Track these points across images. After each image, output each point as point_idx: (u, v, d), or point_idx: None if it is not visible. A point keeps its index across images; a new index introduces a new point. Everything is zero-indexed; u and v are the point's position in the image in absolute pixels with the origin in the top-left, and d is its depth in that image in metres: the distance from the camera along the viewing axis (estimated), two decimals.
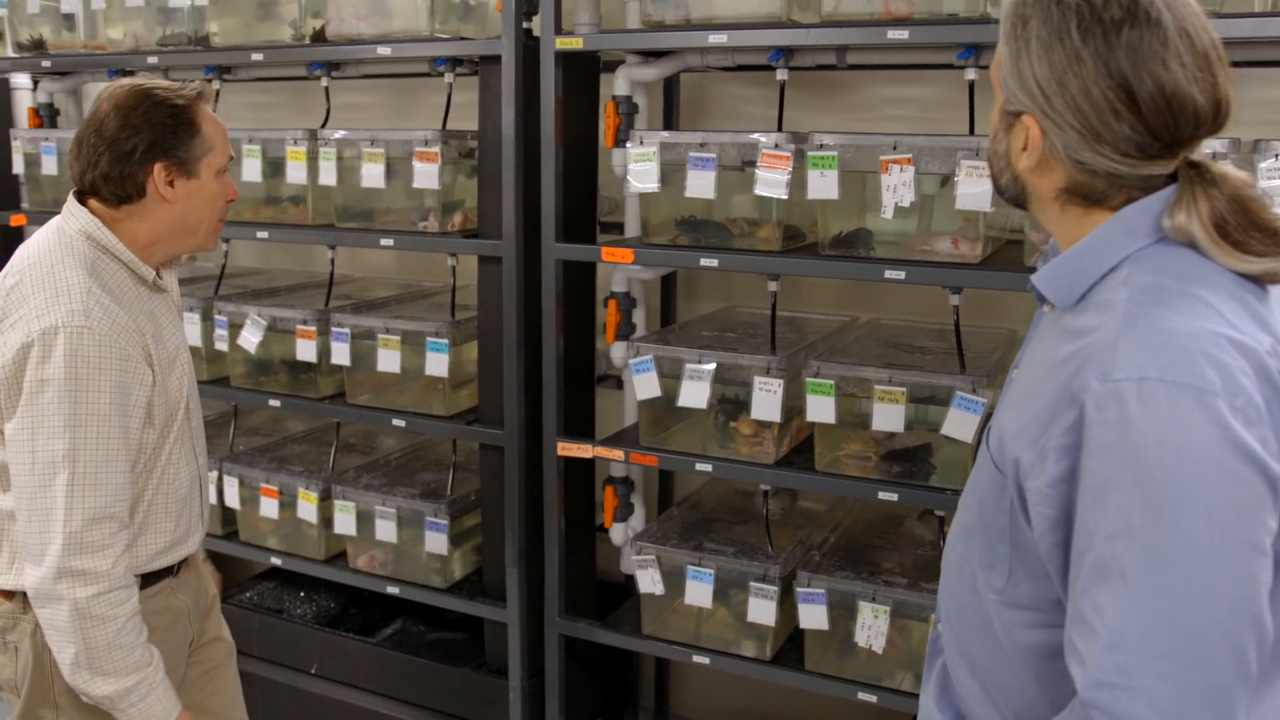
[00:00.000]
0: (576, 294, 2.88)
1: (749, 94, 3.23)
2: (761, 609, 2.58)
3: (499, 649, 3.06)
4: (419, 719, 3.13)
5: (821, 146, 2.40)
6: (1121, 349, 1.11)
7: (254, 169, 3.13)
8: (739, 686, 3.48)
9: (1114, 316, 1.15)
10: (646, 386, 2.66)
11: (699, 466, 2.63)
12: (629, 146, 2.62)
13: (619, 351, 2.88)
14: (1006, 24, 1.25)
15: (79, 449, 1.79)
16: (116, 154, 1.88)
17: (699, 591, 2.65)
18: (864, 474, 2.52)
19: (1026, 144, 1.25)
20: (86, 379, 1.79)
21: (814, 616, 2.54)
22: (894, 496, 2.44)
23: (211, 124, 1.98)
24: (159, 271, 2.01)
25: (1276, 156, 2.11)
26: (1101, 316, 1.18)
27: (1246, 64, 2.45)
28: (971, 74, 2.38)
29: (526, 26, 2.74)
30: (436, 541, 3.03)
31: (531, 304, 2.82)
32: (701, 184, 2.53)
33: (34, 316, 1.81)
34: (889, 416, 2.42)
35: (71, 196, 1.95)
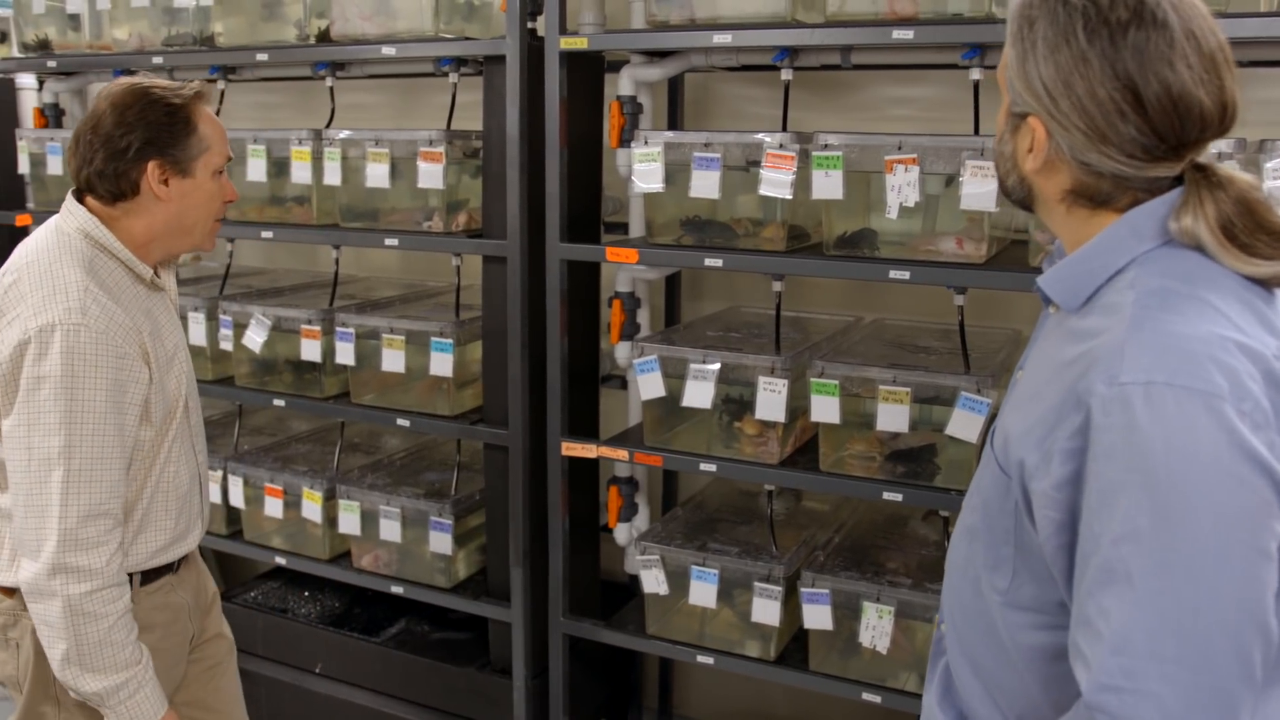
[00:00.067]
0: (581, 294, 2.88)
1: (753, 94, 3.23)
2: (766, 609, 2.58)
3: (503, 649, 3.06)
4: (423, 718, 3.13)
5: (826, 146, 2.40)
6: (1128, 352, 1.11)
7: (259, 169, 3.13)
8: (743, 687, 3.47)
9: (1121, 319, 1.15)
10: (651, 386, 2.66)
11: (703, 466, 2.63)
12: (633, 146, 2.62)
13: (623, 351, 2.88)
14: (1013, 26, 1.25)
15: (74, 446, 1.80)
16: (111, 151, 1.89)
17: (703, 591, 2.65)
18: (868, 474, 2.52)
19: (1033, 146, 1.25)
20: (82, 376, 1.80)
21: (818, 617, 2.54)
22: (898, 497, 2.44)
23: (209, 124, 1.98)
24: (157, 270, 2.02)
25: None
26: (1108, 319, 1.17)
27: (1253, 64, 2.44)
28: (976, 74, 2.38)
29: (531, 26, 2.74)
30: (441, 541, 3.03)
31: (536, 304, 2.82)
32: (706, 184, 2.52)
33: (31, 314, 1.82)
34: (893, 417, 2.42)
35: (70, 195, 1.97)
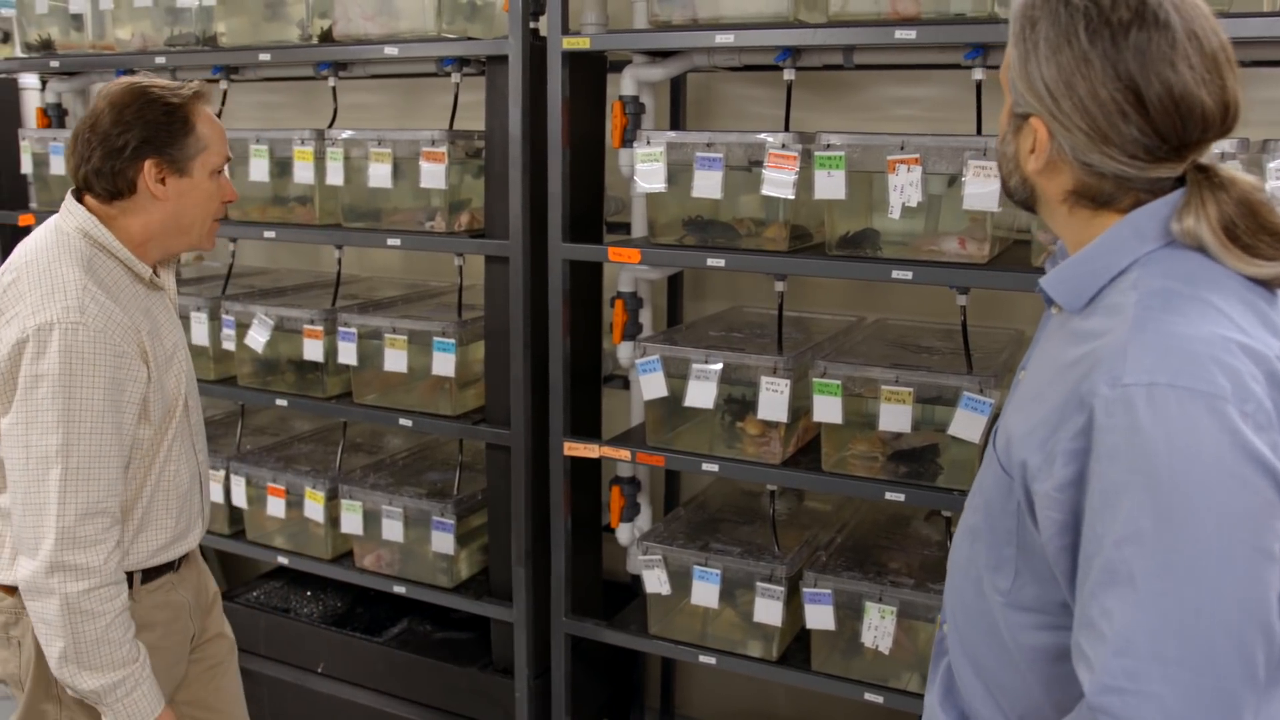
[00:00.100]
0: (583, 294, 2.88)
1: (756, 94, 3.23)
2: (768, 609, 2.58)
3: (505, 648, 3.06)
4: (425, 718, 3.13)
5: (829, 146, 2.40)
6: (1131, 353, 1.11)
7: (261, 169, 3.13)
8: (745, 687, 3.47)
9: (1123, 320, 1.15)
10: (653, 386, 2.66)
11: (705, 466, 2.63)
12: (636, 146, 2.62)
13: (625, 351, 2.88)
14: (1015, 26, 1.25)
15: (72, 444, 1.81)
16: (108, 149, 1.90)
17: (705, 591, 2.65)
18: (871, 474, 2.52)
19: (1035, 146, 1.25)
20: (80, 375, 1.81)
21: (820, 617, 2.54)
22: (901, 497, 2.44)
23: (208, 124, 1.98)
24: (156, 270, 2.03)
25: None
26: (1111, 320, 1.17)
27: (1256, 64, 2.44)
28: (979, 74, 2.37)
29: (533, 26, 2.74)
30: (443, 541, 3.03)
31: (538, 304, 2.82)
32: (708, 184, 2.52)
33: (30, 313, 1.82)
34: (896, 417, 2.42)
35: (69, 194, 1.98)
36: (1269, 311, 1.17)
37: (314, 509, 3.21)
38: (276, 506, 3.27)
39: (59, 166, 3.49)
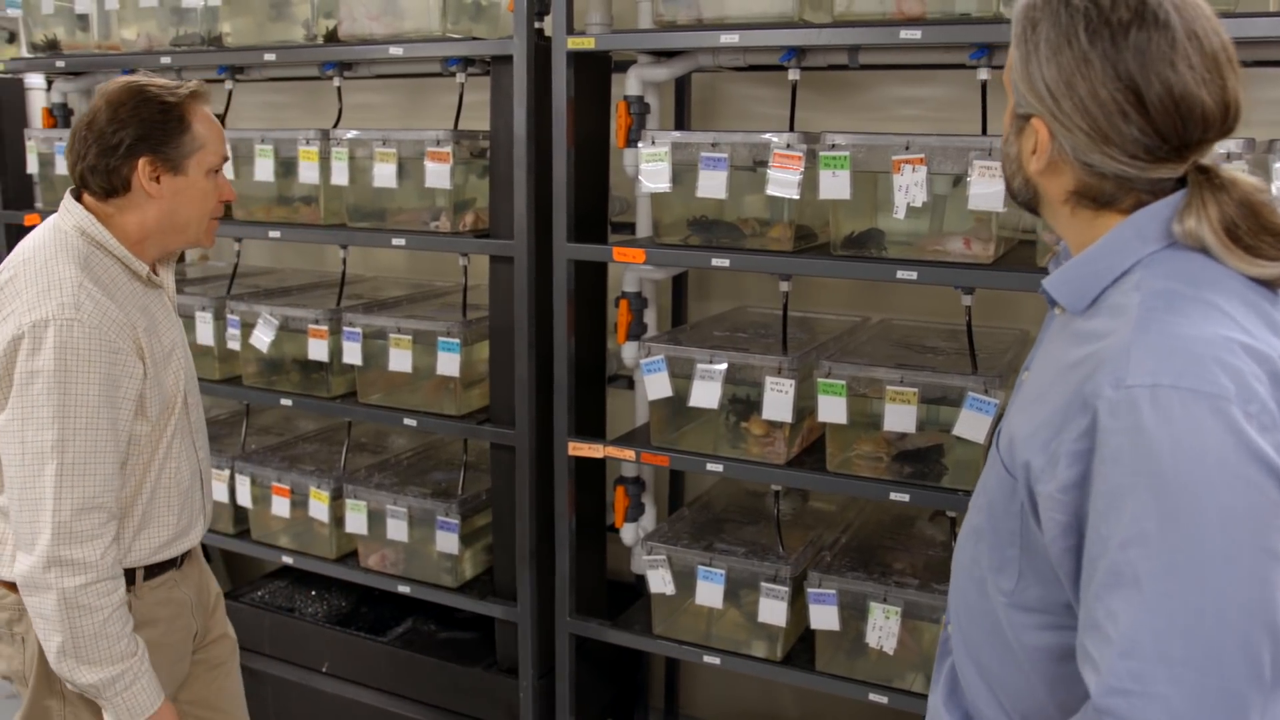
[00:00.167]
0: (588, 294, 2.88)
1: (761, 94, 3.23)
2: (772, 609, 2.58)
3: (509, 648, 3.06)
4: (429, 718, 3.13)
5: (834, 146, 2.40)
6: (1134, 355, 1.11)
7: (266, 169, 3.14)
8: (749, 687, 3.47)
9: (1126, 321, 1.15)
10: (658, 386, 2.66)
11: (710, 467, 2.63)
12: (641, 146, 2.62)
13: (630, 351, 2.88)
14: (1017, 28, 1.25)
15: (67, 439, 1.82)
16: (103, 147, 1.91)
17: (710, 592, 2.65)
18: (875, 475, 2.51)
19: (1036, 147, 1.25)
20: (76, 371, 1.82)
21: (825, 617, 2.54)
22: (905, 497, 2.44)
23: (205, 123, 1.99)
24: (154, 268, 2.04)
25: None
26: (1114, 321, 1.17)
27: (1262, 64, 2.43)
28: (984, 74, 2.37)
29: (538, 26, 2.74)
30: (447, 541, 3.03)
31: (543, 304, 2.83)
32: (713, 184, 2.52)
33: (26, 310, 1.84)
34: (901, 417, 2.41)
35: (68, 193, 1.99)
36: (1272, 312, 1.17)
37: (319, 509, 3.21)
38: (281, 506, 3.27)
39: (64, 167, 3.49)
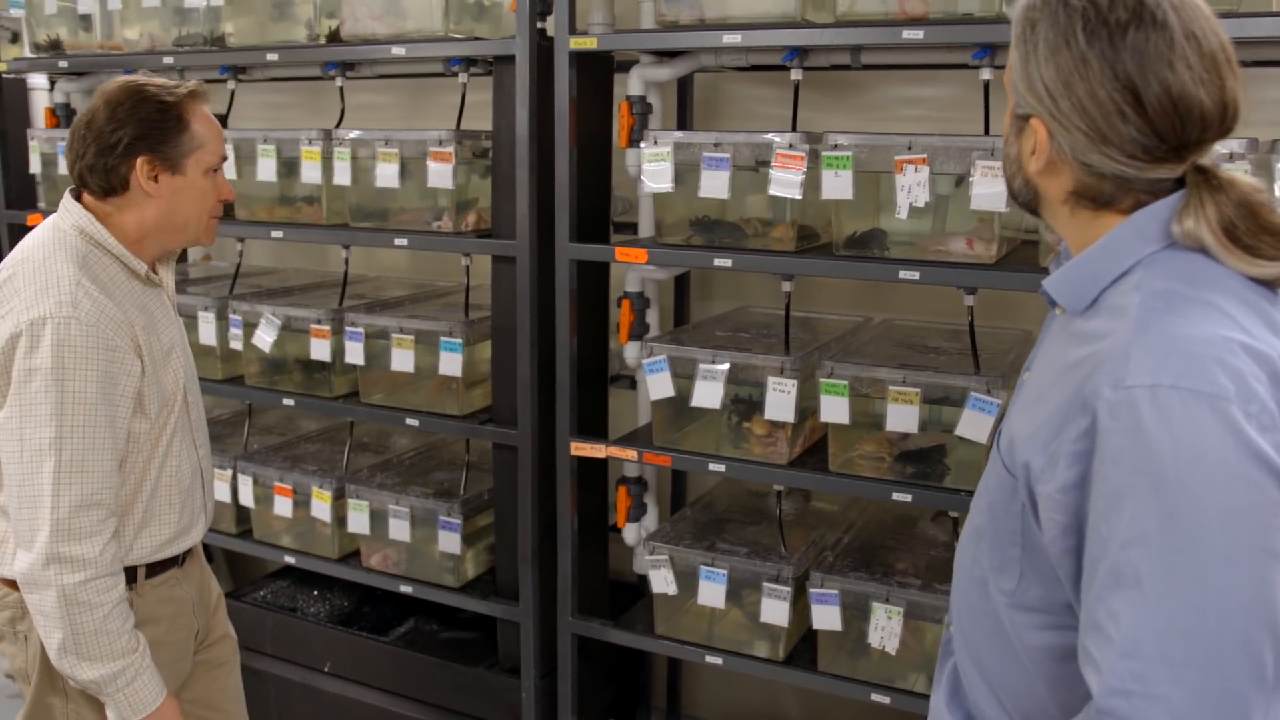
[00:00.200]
0: (590, 294, 2.88)
1: (763, 94, 3.23)
2: (774, 609, 2.58)
3: (512, 648, 3.06)
4: (432, 718, 3.14)
5: (836, 146, 2.40)
6: (1134, 355, 1.11)
7: (269, 169, 3.14)
8: (751, 687, 3.47)
9: (1126, 322, 1.15)
10: (660, 386, 2.65)
11: (712, 467, 2.63)
12: (643, 146, 2.62)
13: (632, 351, 2.88)
14: (1016, 28, 1.26)
15: (65, 436, 1.82)
16: (101, 146, 1.92)
17: (712, 592, 2.65)
18: (878, 475, 2.51)
19: (1035, 147, 1.25)
20: (73, 368, 1.83)
21: (827, 617, 2.53)
22: (908, 497, 2.43)
23: (203, 123, 1.99)
24: (153, 267, 2.04)
25: None
26: (1113, 321, 1.17)
27: (1266, 64, 2.43)
28: (986, 74, 2.37)
29: (541, 26, 2.74)
30: (450, 541, 3.03)
31: (545, 304, 2.83)
32: (715, 184, 2.52)
33: (24, 308, 1.85)
34: (903, 417, 2.41)
35: (67, 193, 2.00)
36: (1272, 312, 1.17)
37: (321, 508, 3.21)
38: (283, 506, 3.27)
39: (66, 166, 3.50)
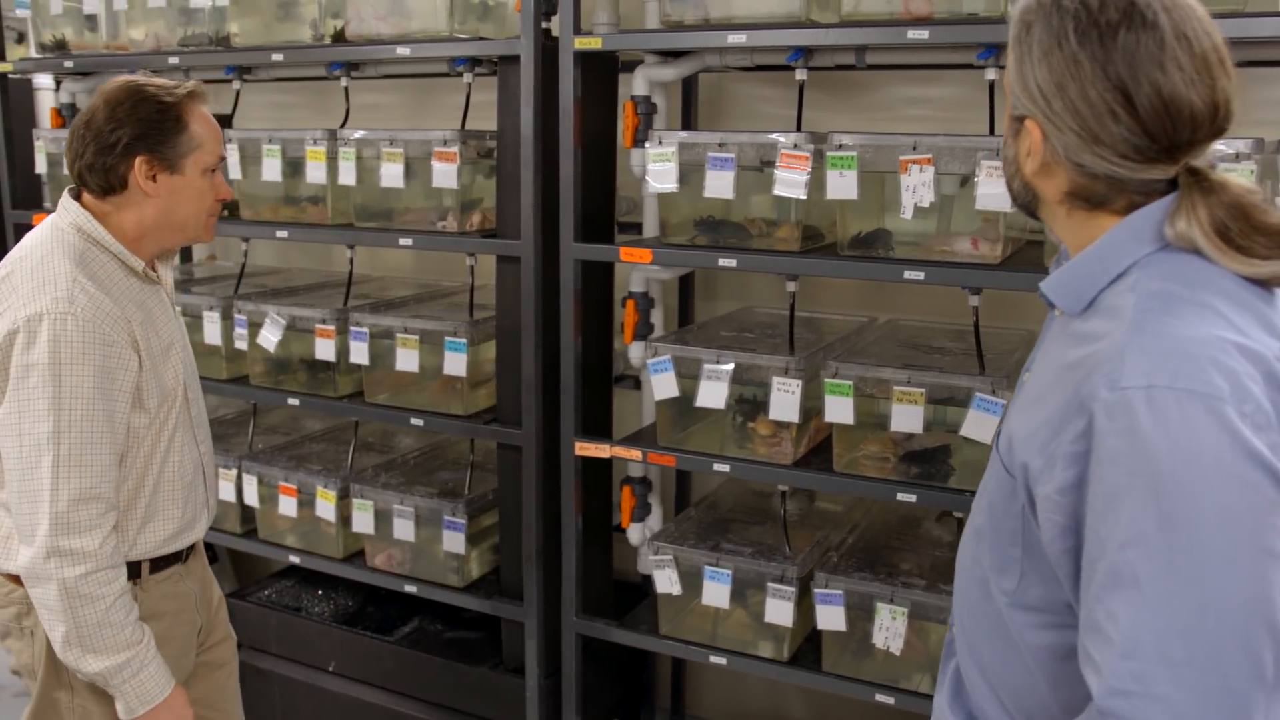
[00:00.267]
0: (595, 294, 2.88)
1: (768, 94, 3.23)
2: (779, 610, 2.58)
3: (516, 648, 3.06)
4: (436, 717, 3.14)
5: (841, 147, 2.40)
6: (1130, 356, 1.11)
7: (274, 169, 3.14)
8: (756, 687, 3.47)
9: (1122, 323, 1.15)
10: (664, 387, 2.65)
11: (717, 467, 2.63)
12: (647, 146, 2.62)
13: (637, 351, 2.88)
14: (1013, 30, 1.27)
15: (63, 431, 1.84)
16: (100, 145, 1.94)
17: (716, 592, 2.64)
18: (882, 475, 2.51)
19: (1030, 148, 1.26)
20: (70, 363, 1.84)
21: (831, 618, 2.53)
22: (912, 498, 2.43)
23: (202, 123, 2.01)
24: (152, 264, 2.06)
25: None
26: (1110, 322, 1.18)
27: (1272, 64, 2.42)
28: (991, 74, 2.37)
29: (545, 26, 2.74)
30: (454, 540, 3.03)
31: (550, 304, 2.83)
32: (720, 184, 2.52)
33: (21, 305, 1.87)
34: (908, 417, 2.41)
35: (66, 192, 2.02)
36: (1267, 312, 1.17)
37: (325, 508, 3.22)
38: (288, 505, 3.28)
39: None
